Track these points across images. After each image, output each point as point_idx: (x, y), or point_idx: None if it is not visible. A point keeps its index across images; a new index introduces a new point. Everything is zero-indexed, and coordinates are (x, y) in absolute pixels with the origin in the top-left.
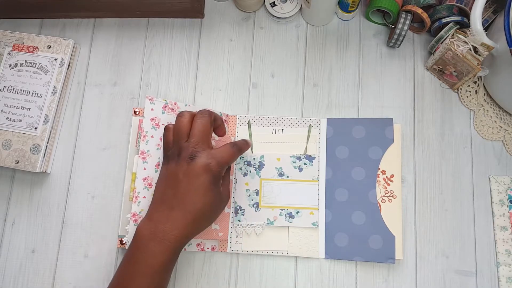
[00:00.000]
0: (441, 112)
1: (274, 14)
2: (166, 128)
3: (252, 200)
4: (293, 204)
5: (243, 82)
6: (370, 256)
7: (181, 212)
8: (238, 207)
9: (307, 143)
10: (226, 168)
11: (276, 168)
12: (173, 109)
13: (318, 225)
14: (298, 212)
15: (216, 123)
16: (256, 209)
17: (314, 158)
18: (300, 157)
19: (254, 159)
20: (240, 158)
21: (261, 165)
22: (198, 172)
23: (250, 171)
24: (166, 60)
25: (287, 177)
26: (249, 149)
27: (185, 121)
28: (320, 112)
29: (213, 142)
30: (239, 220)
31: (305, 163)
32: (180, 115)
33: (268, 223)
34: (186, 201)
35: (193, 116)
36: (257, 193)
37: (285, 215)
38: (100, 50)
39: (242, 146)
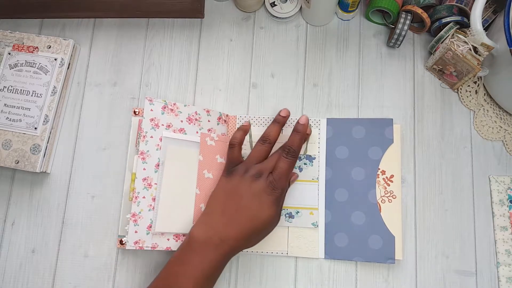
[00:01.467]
0: (441, 112)
1: (274, 14)
2: (232, 146)
3: None
4: (293, 204)
5: (243, 82)
6: (370, 256)
7: (239, 225)
8: None
9: (307, 143)
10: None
11: None
12: (172, 109)
13: (318, 225)
14: (298, 212)
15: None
16: None
17: (314, 158)
18: (300, 157)
19: None
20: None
21: None
22: (260, 190)
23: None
24: (166, 60)
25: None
26: (250, 149)
27: (265, 150)
28: (320, 112)
29: (215, 137)
30: None
31: (305, 163)
32: (263, 142)
33: None
34: (245, 216)
35: (273, 145)
36: None
37: (285, 215)
38: (100, 50)
39: (295, 148)
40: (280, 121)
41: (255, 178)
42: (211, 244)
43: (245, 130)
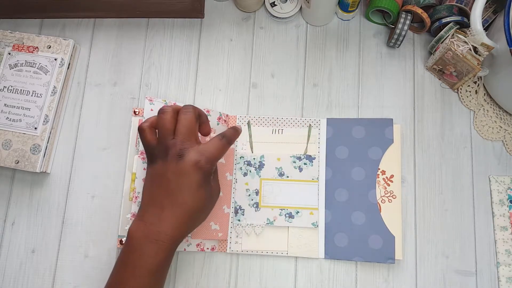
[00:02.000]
0: (441, 112)
1: (274, 14)
2: (142, 129)
3: (252, 200)
4: (293, 204)
5: (243, 82)
6: (370, 256)
7: (173, 212)
8: (238, 207)
9: (307, 143)
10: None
11: (276, 168)
12: None
13: (318, 225)
14: (298, 212)
15: (201, 119)
16: (256, 209)
17: (314, 158)
18: (300, 157)
19: (254, 159)
20: (240, 158)
21: (261, 165)
22: (188, 170)
23: (250, 171)
24: (166, 60)
25: (287, 177)
26: (249, 149)
27: (169, 118)
28: (320, 112)
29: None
30: (239, 220)
31: (305, 163)
32: (162, 112)
33: (268, 223)
34: (177, 200)
35: (176, 111)
36: (257, 193)
37: (285, 215)
38: (100, 50)
39: (231, 137)
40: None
41: (178, 157)
42: (150, 241)
43: (156, 118)
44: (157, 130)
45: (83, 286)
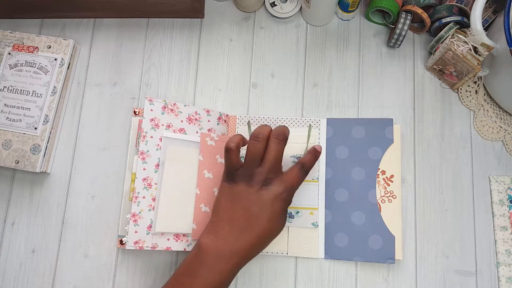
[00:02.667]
0: (441, 112)
1: (274, 14)
2: (229, 150)
3: None
4: (293, 204)
5: (243, 82)
6: (370, 256)
7: (250, 235)
8: None
9: (307, 143)
10: None
11: None
12: (172, 109)
13: (318, 225)
14: (298, 212)
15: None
16: None
17: None
18: (300, 157)
19: None
20: (240, 158)
21: None
22: (271, 200)
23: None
24: (166, 60)
25: None
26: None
27: (261, 147)
28: (320, 112)
29: (215, 137)
30: None
31: None
32: (255, 139)
33: None
34: (257, 225)
35: (267, 138)
36: None
37: None
38: (100, 50)
39: (309, 165)
40: (267, 125)
41: (263, 185)
42: (222, 258)
43: (245, 140)
44: (245, 153)
45: (83, 286)
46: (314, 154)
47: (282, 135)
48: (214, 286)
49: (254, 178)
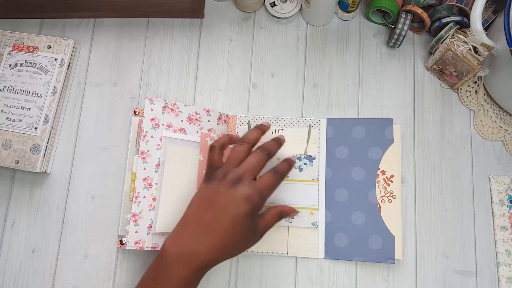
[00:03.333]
0: (441, 112)
1: (274, 14)
2: (213, 148)
3: None
4: (293, 204)
5: (243, 82)
6: (370, 256)
7: (214, 237)
8: None
9: (307, 143)
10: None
11: None
12: (172, 109)
13: (318, 225)
14: (298, 212)
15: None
16: None
17: (314, 158)
18: (300, 157)
19: None
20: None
21: None
22: (238, 199)
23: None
24: (166, 60)
25: (287, 177)
26: None
27: (243, 150)
28: (320, 112)
29: (215, 137)
30: None
31: (305, 163)
32: (241, 142)
33: None
34: (220, 226)
35: (253, 144)
36: None
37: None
38: (100, 50)
39: (284, 171)
40: (262, 128)
41: (234, 183)
42: (183, 261)
43: (232, 138)
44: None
45: (83, 286)
46: (288, 162)
47: (267, 149)
48: None
49: (228, 176)
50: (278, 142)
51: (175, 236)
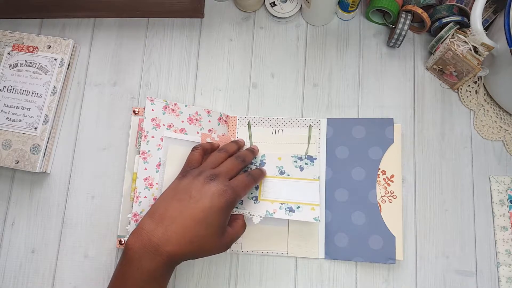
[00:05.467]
0: (441, 112)
1: (274, 14)
2: (194, 148)
3: (251, 193)
4: (294, 199)
5: (243, 82)
6: (370, 257)
7: (181, 228)
8: None
9: (308, 143)
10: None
11: (277, 166)
12: (173, 109)
13: (320, 220)
14: (299, 207)
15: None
16: (255, 201)
17: (316, 159)
18: (301, 157)
19: (255, 158)
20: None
21: (262, 164)
22: (212, 194)
23: (250, 169)
24: (166, 60)
25: (288, 175)
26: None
27: (221, 157)
28: (320, 112)
29: (216, 138)
30: (236, 207)
31: (306, 163)
32: (219, 151)
33: (267, 215)
34: (189, 218)
35: (229, 156)
36: (257, 187)
37: (285, 209)
38: (100, 50)
39: (257, 176)
40: (239, 142)
41: (209, 179)
42: (147, 253)
43: (214, 146)
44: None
45: (83, 286)
46: (261, 169)
47: (242, 157)
48: (145, 285)
49: (203, 173)
50: (252, 151)
51: (139, 230)
